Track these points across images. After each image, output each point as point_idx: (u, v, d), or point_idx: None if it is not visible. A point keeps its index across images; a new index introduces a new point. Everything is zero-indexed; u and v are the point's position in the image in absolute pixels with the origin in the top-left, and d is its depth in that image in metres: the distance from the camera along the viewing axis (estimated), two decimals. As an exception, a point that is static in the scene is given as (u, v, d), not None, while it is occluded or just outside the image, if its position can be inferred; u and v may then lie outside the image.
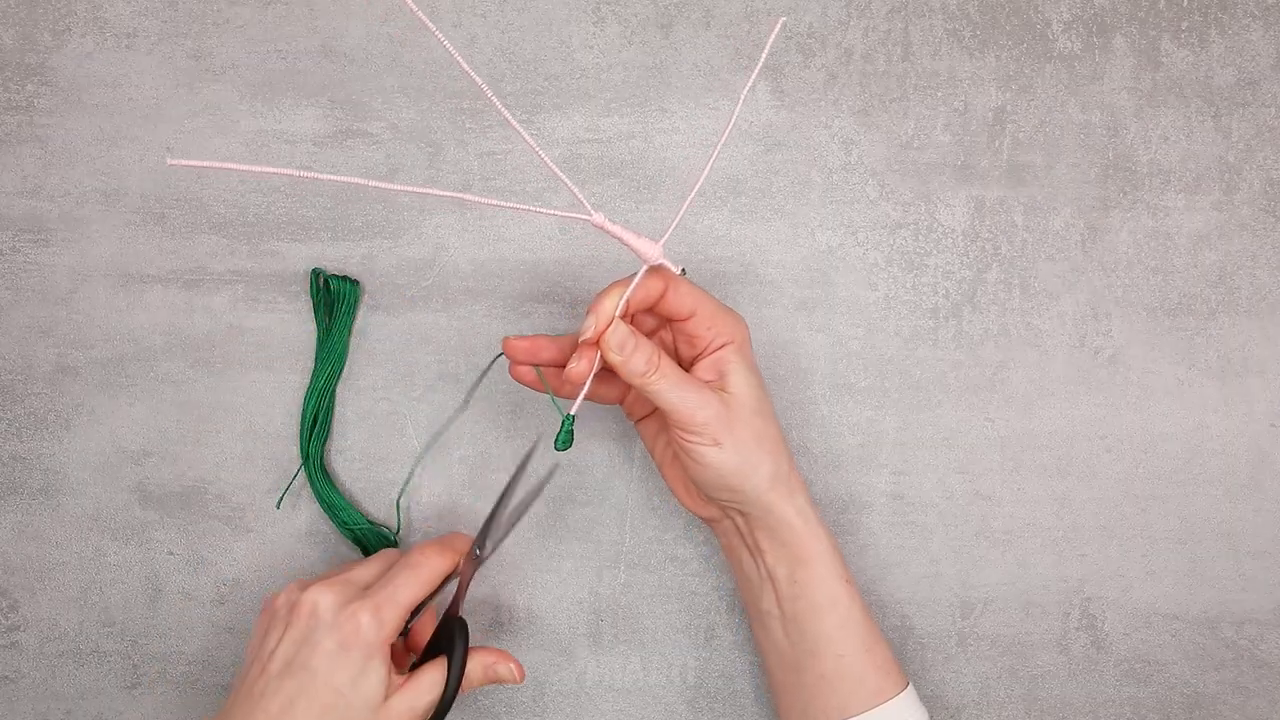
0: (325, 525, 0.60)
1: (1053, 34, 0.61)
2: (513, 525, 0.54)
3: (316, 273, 0.60)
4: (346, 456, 0.61)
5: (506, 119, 0.45)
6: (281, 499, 0.60)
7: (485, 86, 0.44)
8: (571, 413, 0.51)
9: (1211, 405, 0.61)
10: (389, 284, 0.61)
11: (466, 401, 0.56)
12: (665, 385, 0.50)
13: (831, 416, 0.61)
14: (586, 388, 0.51)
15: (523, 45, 0.62)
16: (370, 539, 0.59)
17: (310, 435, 0.59)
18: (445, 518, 0.61)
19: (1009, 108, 0.61)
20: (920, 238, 0.61)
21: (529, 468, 0.54)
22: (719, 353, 0.52)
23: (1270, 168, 0.61)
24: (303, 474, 0.60)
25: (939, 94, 0.61)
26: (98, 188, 0.61)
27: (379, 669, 0.50)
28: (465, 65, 0.44)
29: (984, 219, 0.61)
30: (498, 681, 0.54)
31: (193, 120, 0.61)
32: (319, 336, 0.60)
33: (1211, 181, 0.61)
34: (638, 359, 0.50)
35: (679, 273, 0.50)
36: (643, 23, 0.62)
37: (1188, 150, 0.61)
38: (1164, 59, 0.61)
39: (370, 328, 0.61)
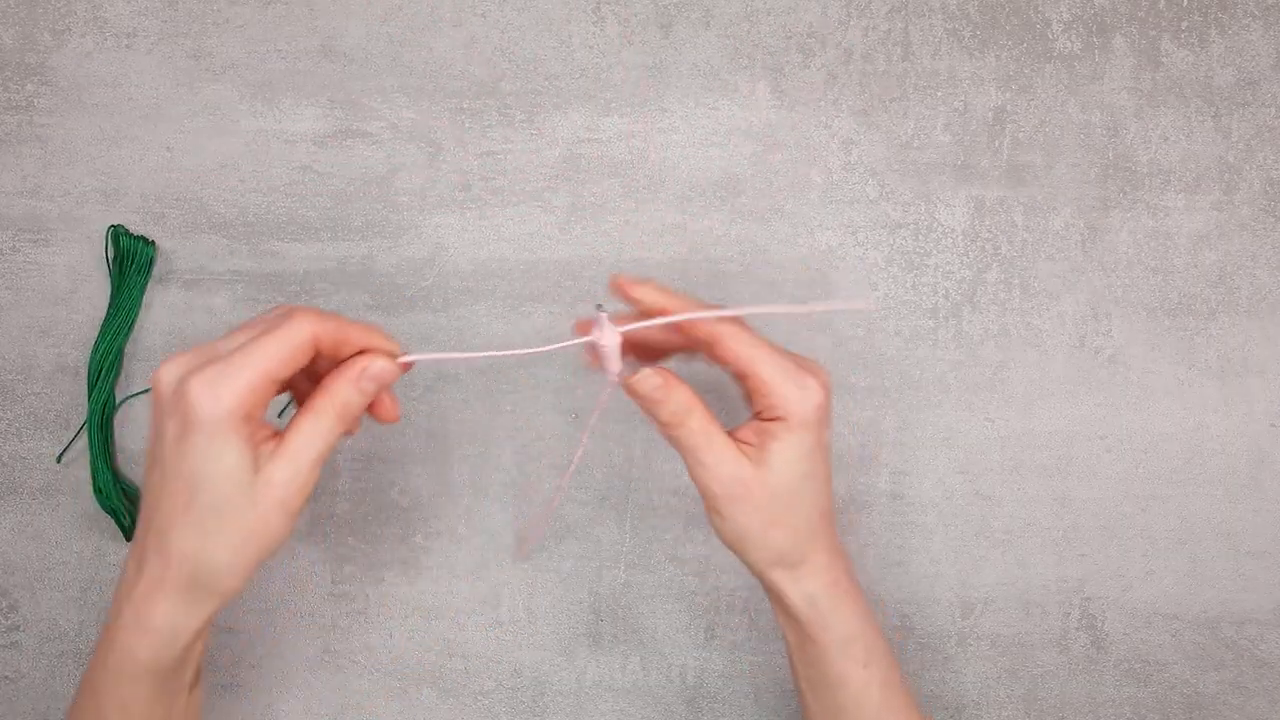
0: (326, 525, 0.60)
1: (1053, 34, 0.61)
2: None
3: (115, 231, 0.60)
4: (346, 456, 0.61)
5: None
6: (62, 454, 0.60)
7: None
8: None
9: (1211, 405, 0.61)
10: (389, 284, 0.61)
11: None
12: (686, 439, 0.46)
13: (831, 416, 0.61)
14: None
15: (523, 45, 0.62)
16: (121, 515, 0.59)
17: (93, 391, 0.59)
18: (444, 517, 0.61)
19: (1009, 108, 0.61)
20: (920, 238, 0.61)
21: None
22: (768, 424, 0.46)
23: (1270, 168, 0.61)
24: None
25: (939, 94, 0.61)
26: (98, 188, 0.61)
27: (229, 446, 0.42)
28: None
29: (984, 219, 0.61)
30: (379, 384, 0.45)
31: (193, 120, 0.61)
32: (110, 293, 0.60)
33: (1211, 181, 0.61)
34: (670, 409, 0.46)
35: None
36: (643, 23, 0.62)
37: (1188, 150, 0.61)
38: (1164, 59, 0.61)
39: (370, 328, 0.61)
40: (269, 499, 0.43)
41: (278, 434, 0.44)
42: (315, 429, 0.44)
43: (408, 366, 0.47)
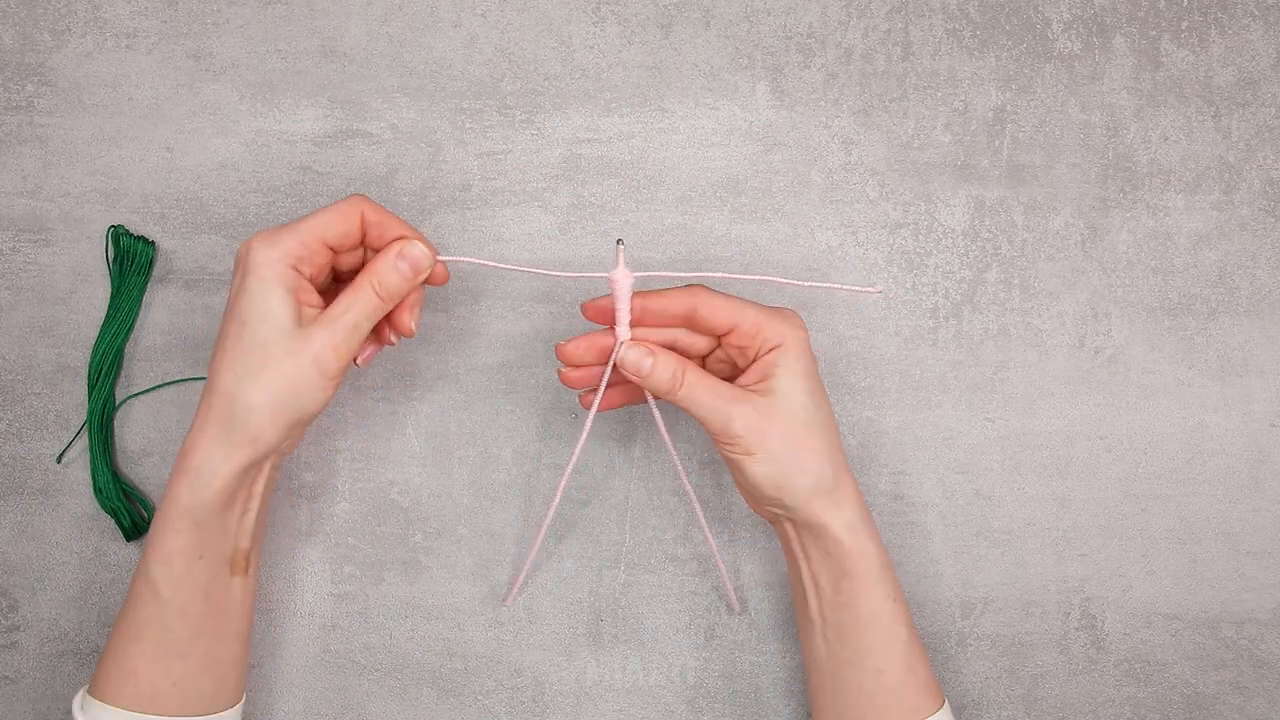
0: (327, 525, 0.60)
1: (1053, 34, 0.61)
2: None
3: (115, 231, 0.60)
4: (346, 456, 0.61)
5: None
6: (62, 454, 0.60)
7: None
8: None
9: (1211, 405, 0.61)
10: (389, 284, 0.61)
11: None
12: (694, 396, 0.49)
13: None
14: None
15: (523, 45, 0.62)
16: (121, 515, 0.59)
17: (93, 391, 0.59)
18: (445, 518, 0.61)
19: (1009, 108, 0.61)
20: (920, 238, 0.61)
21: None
22: (766, 357, 0.51)
23: (1270, 168, 0.61)
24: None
25: (939, 94, 0.61)
26: (98, 188, 0.61)
27: (273, 291, 0.48)
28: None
29: (984, 219, 0.61)
30: (414, 267, 0.51)
31: (193, 120, 0.61)
32: (110, 293, 0.60)
33: (1211, 181, 0.61)
34: (660, 375, 0.50)
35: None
36: (643, 23, 0.62)
37: (1188, 150, 0.61)
38: (1164, 59, 0.61)
39: (370, 328, 0.61)
40: (306, 353, 0.48)
41: (325, 306, 0.50)
42: (354, 299, 0.49)
43: (442, 274, 0.52)
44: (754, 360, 0.51)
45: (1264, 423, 0.61)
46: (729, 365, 0.53)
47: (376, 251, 0.51)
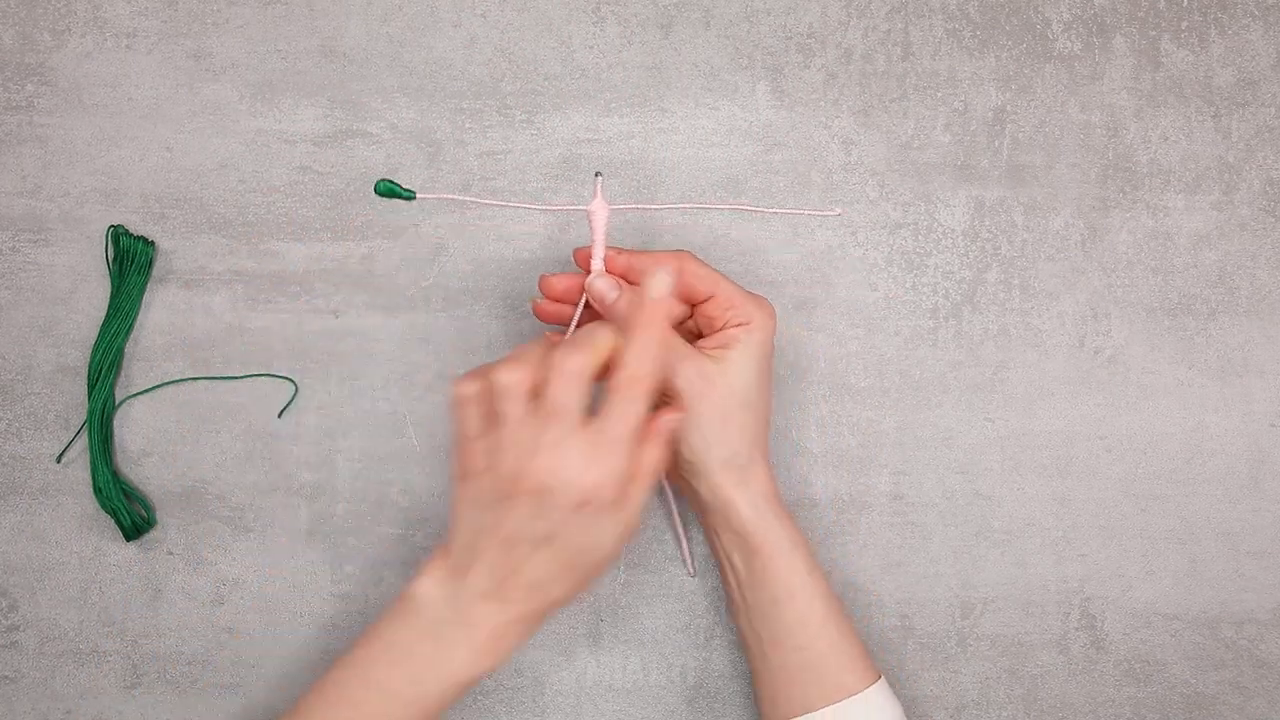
0: (327, 525, 0.60)
1: (1053, 34, 0.61)
2: None
3: (115, 231, 0.60)
4: (346, 456, 0.61)
5: None
6: (62, 454, 0.60)
7: None
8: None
9: (1211, 405, 0.61)
10: (389, 284, 0.61)
11: None
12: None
13: (831, 417, 0.61)
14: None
15: (522, 45, 0.62)
16: (121, 515, 0.59)
17: (93, 391, 0.59)
18: (445, 518, 0.61)
19: (1009, 108, 0.61)
20: (920, 238, 0.61)
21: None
22: (731, 330, 0.52)
23: (1270, 168, 0.61)
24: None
25: (939, 94, 0.61)
26: (98, 188, 0.61)
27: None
28: None
29: (984, 219, 0.61)
30: (662, 289, 0.49)
31: (193, 120, 0.61)
32: (110, 293, 0.60)
33: (1211, 181, 0.61)
34: (621, 306, 0.51)
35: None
36: (643, 23, 0.62)
37: (1188, 150, 0.61)
38: (1164, 59, 0.61)
39: (370, 328, 0.61)
40: None
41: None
42: (597, 342, 0.50)
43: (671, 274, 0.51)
44: (718, 331, 0.52)
45: (1264, 423, 0.60)
46: (694, 337, 0.54)
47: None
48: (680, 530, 0.59)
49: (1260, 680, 0.60)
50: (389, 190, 0.51)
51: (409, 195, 0.52)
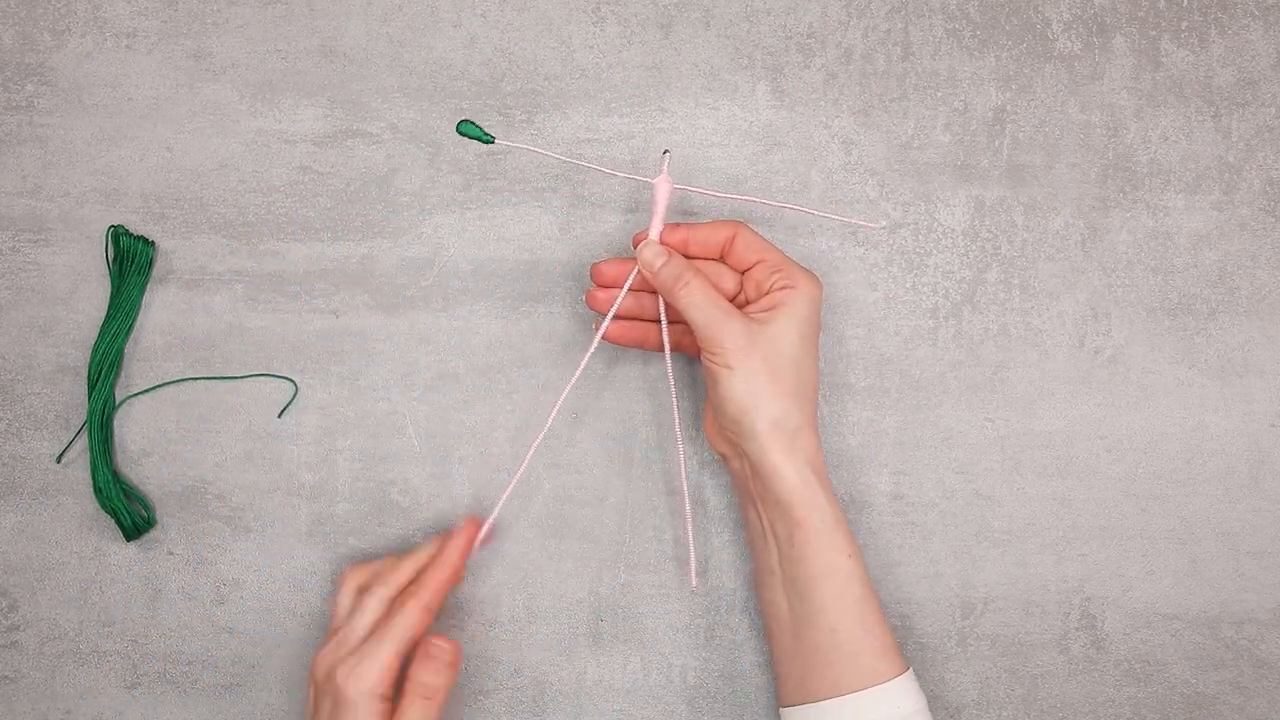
0: (327, 525, 0.60)
1: (1053, 34, 0.61)
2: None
3: (115, 231, 0.60)
4: (346, 456, 0.61)
5: None
6: (62, 454, 0.60)
7: None
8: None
9: (1211, 405, 0.61)
10: (389, 284, 0.61)
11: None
12: (694, 299, 0.52)
13: (831, 416, 0.61)
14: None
15: (522, 45, 0.62)
16: (121, 515, 0.59)
17: (93, 391, 0.59)
18: (445, 518, 0.61)
19: (1009, 108, 0.61)
20: (920, 238, 0.61)
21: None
22: (778, 293, 0.53)
23: (1270, 168, 0.61)
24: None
25: (939, 94, 0.61)
26: (98, 188, 0.61)
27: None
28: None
29: (984, 219, 0.61)
30: (443, 665, 0.54)
31: (193, 120, 0.61)
32: (110, 293, 0.60)
33: (1211, 181, 0.61)
34: (667, 272, 0.53)
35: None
36: (643, 23, 0.62)
37: (1188, 150, 0.61)
38: (1164, 59, 0.61)
39: (370, 328, 0.61)
40: None
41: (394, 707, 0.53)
42: (417, 710, 0.53)
43: (455, 649, 0.55)
44: (765, 294, 0.53)
45: (1264, 423, 0.61)
46: (743, 303, 0.55)
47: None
48: (692, 541, 0.59)
49: (1260, 680, 0.60)
50: (471, 132, 0.54)
51: (489, 139, 0.54)
